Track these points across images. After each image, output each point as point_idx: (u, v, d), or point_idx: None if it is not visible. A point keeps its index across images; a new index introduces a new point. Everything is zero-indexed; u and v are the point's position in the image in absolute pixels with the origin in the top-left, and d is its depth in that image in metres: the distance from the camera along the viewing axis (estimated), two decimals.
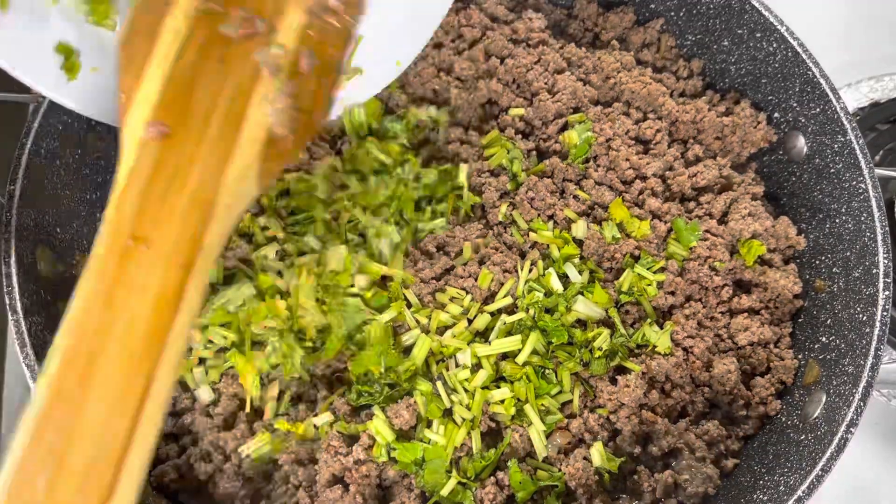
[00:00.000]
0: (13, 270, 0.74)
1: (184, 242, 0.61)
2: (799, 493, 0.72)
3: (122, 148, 0.64)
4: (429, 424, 0.79)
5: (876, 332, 0.78)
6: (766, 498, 0.76)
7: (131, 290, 0.58)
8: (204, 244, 0.62)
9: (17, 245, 0.74)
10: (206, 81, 0.67)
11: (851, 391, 0.76)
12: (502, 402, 0.80)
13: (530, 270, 0.87)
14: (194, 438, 0.80)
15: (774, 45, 0.94)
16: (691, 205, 0.95)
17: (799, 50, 0.91)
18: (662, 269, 0.89)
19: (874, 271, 0.81)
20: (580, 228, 0.90)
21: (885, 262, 0.80)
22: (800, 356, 0.87)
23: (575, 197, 0.93)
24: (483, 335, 0.84)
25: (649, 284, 0.87)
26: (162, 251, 0.60)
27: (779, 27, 0.92)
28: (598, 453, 0.79)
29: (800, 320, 0.91)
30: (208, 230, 0.62)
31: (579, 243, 0.90)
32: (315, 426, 0.80)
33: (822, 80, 0.89)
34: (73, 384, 0.55)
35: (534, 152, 0.97)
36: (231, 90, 0.68)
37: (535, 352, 0.82)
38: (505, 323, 0.84)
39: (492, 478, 0.78)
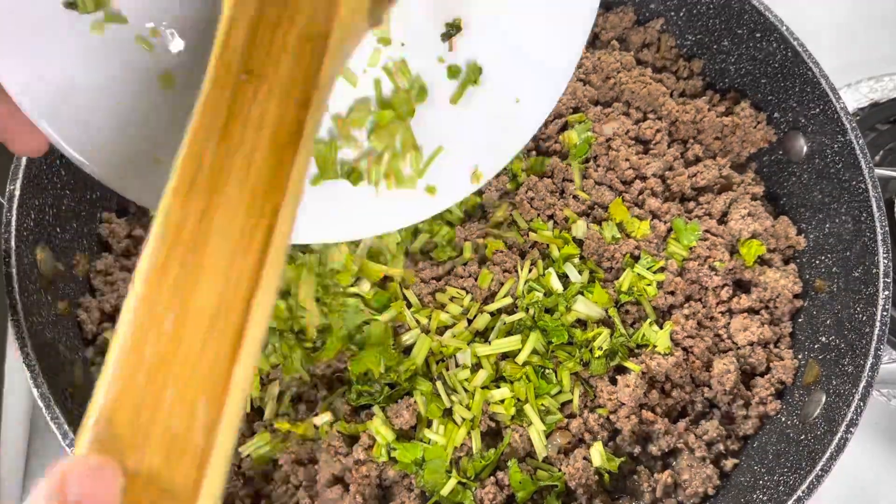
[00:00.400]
0: (13, 270, 0.73)
1: (299, 76, 0.57)
2: (799, 493, 0.72)
3: None
4: (429, 424, 0.79)
5: (876, 331, 0.78)
6: (765, 498, 0.76)
7: (247, 123, 0.54)
8: (319, 80, 0.58)
9: (16, 245, 0.74)
10: None
11: (851, 391, 0.76)
12: (502, 402, 0.80)
13: (530, 270, 0.87)
14: None
15: (774, 45, 0.94)
16: (691, 205, 0.95)
17: (799, 50, 0.91)
18: (662, 269, 0.89)
19: (874, 271, 0.81)
20: (580, 228, 0.90)
21: (885, 261, 0.80)
22: (799, 356, 0.87)
23: (575, 197, 0.93)
24: (483, 335, 0.84)
25: (649, 284, 0.87)
26: (277, 85, 0.56)
27: (779, 27, 0.92)
28: (597, 453, 0.79)
29: (799, 320, 0.91)
30: (323, 65, 0.58)
31: (579, 243, 0.90)
32: (315, 426, 0.80)
33: (821, 80, 0.89)
34: (194, 218, 0.50)
35: (534, 152, 0.97)
36: None
37: (535, 352, 0.82)
38: (505, 323, 0.84)
39: (492, 478, 0.78)
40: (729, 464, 0.82)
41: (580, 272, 0.87)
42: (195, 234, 0.50)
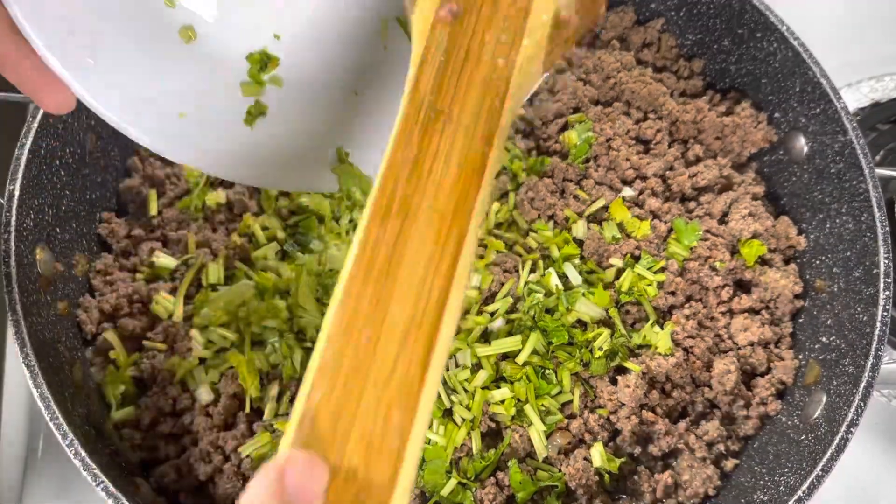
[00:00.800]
0: (13, 270, 0.73)
1: (482, 116, 0.62)
2: (799, 493, 0.71)
3: (413, 33, 0.66)
4: (429, 425, 0.79)
5: (876, 332, 0.78)
6: (766, 498, 0.76)
7: (437, 156, 0.59)
8: (501, 120, 0.62)
9: (16, 245, 0.74)
10: None
11: (852, 391, 0.76)
12: (502, 402, 0.80)
13: (531, 271, 0.87)
14: (194, 439, 0.80)
15: (775, 45, 0.94)
16: (691, 205, 0.95)
17: (799, 50, 0.91)
18: (663, 270, 0.89)
19: (875, 271, 0.81)
20: (580, 228, 0.90)
21: (886, 262, 0.80)
22: (800, 356, 0.87)
23: (575, 197, 0.93)
24: (483, 335, 0.84)
25: (649, 284, 0.87)
26: (463, 123, 0.61)
27: (779, 27, 0.92)
28: (598, 454, 0.79)
29: (800, 320, 0.91)
30: (504, 107, 0.63)
31: (579, 243, 0.90)
32: None
33: (822, 80, 0.89)
34: (389, 241, 0.54)
35: (534, 152, 0.97)
36: None
37: (535, 352, 0.82)
38: (505, 323, 0.84)
39: (492, 478, 0.78)
40: (729, 464, 0.82)
41: (580, 272, 0.87)
42: (390, 256, 0.54)
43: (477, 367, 0.82)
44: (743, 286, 0.91)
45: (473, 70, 0.64)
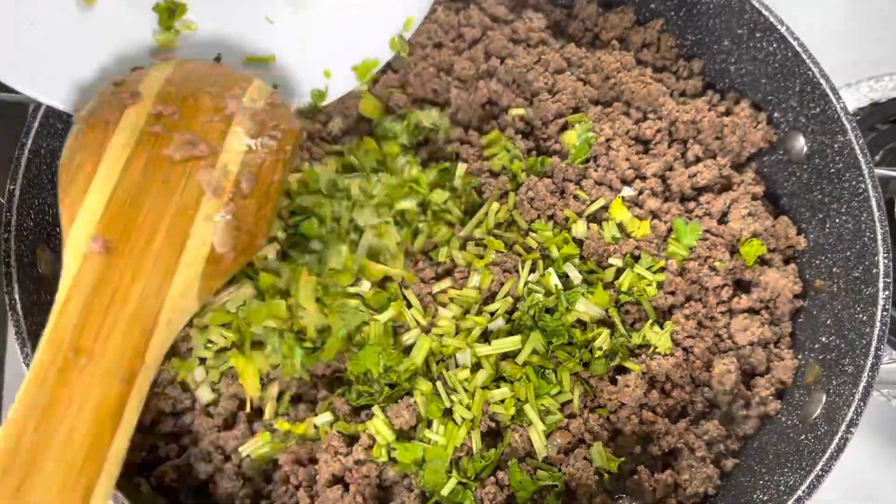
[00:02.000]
0: (13, 270, 0.74)
1: (126, 356, 0.63)
2: (799, 492, 0.72)
3: (64, 259, 0.66)
4: (429, 424, 0.79)
5: (876, 331, 0.78)
6: (766, 498, 0.76)
7: (71, 402, 0.59)
8: (146, 358, 0.63)
9: (16, 245, 0.74)
10: (150, 199, 0.69)
11: (851, 391, 0.76)
12: (502, 402, 0.80)
13: (531, 271, 0.87)
14: (194, 438, 0.80)
15: (774, 45, 0.94)
16: (691, 205, 0.95)
17: (799, 50, 0.91)
18: (662, 269, 0.89)
19: (874, 271, 0.81)
20: (580, 228, 0.90)
21: (885, 261, 0.80)
22: (800, 356, 0.87)
23: (575, 197, 0.93)
24: (483, 335, 0.84)
25: (649, 284, 0.87)
26: (103, 364, 0.61)
27: (779, 27, 0.92)
28: (598, 453, 0.79)
29: (800, 320, 0.91)
30: (150, 344, 0.64)
31: (579, 243, 0.90)
32: (315, 426, 0.80)
33: (822, 80, 0.89)
34: (9, 494, 0.55)
35: (534, 152, 0.97)
36: (175, 209, 0.70)
37: (535, 352, 0.82)
38: (505, 323, 0.84)
39: (492, 478, 0.78)
40: (729, 464, 0.82)
41: (580, 272, 0.87)
42: None
43: (477, 366, 0.82)
44: (743, 286, 0.91)
45: (121, 307, 0.64)
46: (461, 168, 0.91)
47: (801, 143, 0.95)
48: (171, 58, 0.81)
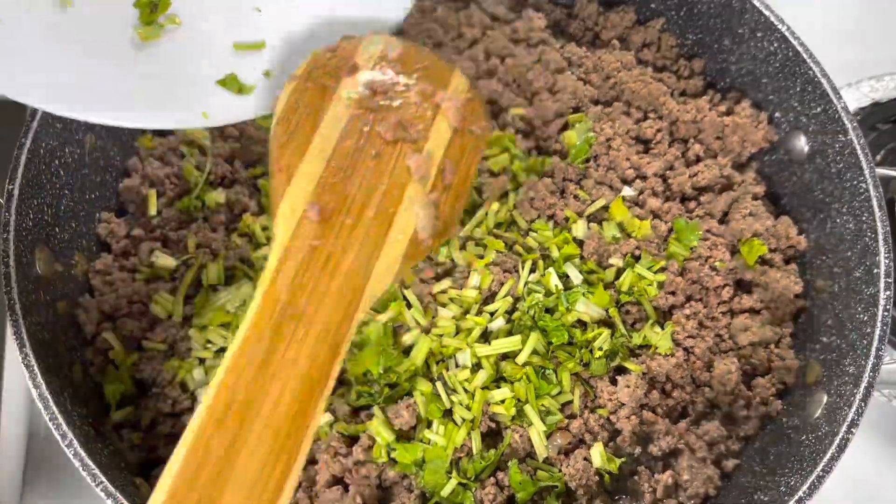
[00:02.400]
0: (12, 270, 0.73)
1: (334, 324, 0.63)
2: (800, 493, 0.71)
3: (277, 222, 0.67)
4: (429, 425, 0.79)
5: (877, 332, 0.77)
6: (766, 498, 0.76)
7: (282, 364, 0.59)
8: (350, 329, 0.63)
9: (15, 245, 0.74)
10: (361, 172, 0.70)
11: (852, 391, 0.76)
12: (502, 402, 0.80)
13: (531, 271, 0.87)
14: None
15: (775, 45, 0.93)
16: (692, 204, 0.95)
17: (800, 49, 0.91)
18: (663, 269, 0.89)
19: (875, 271, 0.81)
20: (580, 228, 0.90)
21: (887, 262, 0.80)
22: (801, 356, 0.87)
23: (575, 197, 0.92)
24: (483, 335, 0.84)
25: (650, 284, 0.87)
26: (314, 329, 0.61)
27: (780, 27, 0.92)
28: (598, 454, 0.79)
29: (801, 320, 0.91)
30: (355, 316, 0.64)
31: (579, 243, 0.90)
32: None
33: (822, 80, 0.89)
34: (219, 448, 0.56)
35: (534, 152, 0.97)
36: (385, 186, 0.71)
37: (535, 352, 0.82)
38: (505, 323, 0.84)
39: (492, 478, 0.78)
40: (730, 464, 0.82)
41: (580, 272, 0.87)
42: (220, 469, 0.55)
43: (477, 367, 0.82)
44: (743, 286, 0.91)
45: (333, 275, 0.65)
46: None
47: (802, 143, 0.94)
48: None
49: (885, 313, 0.78)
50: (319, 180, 0.69)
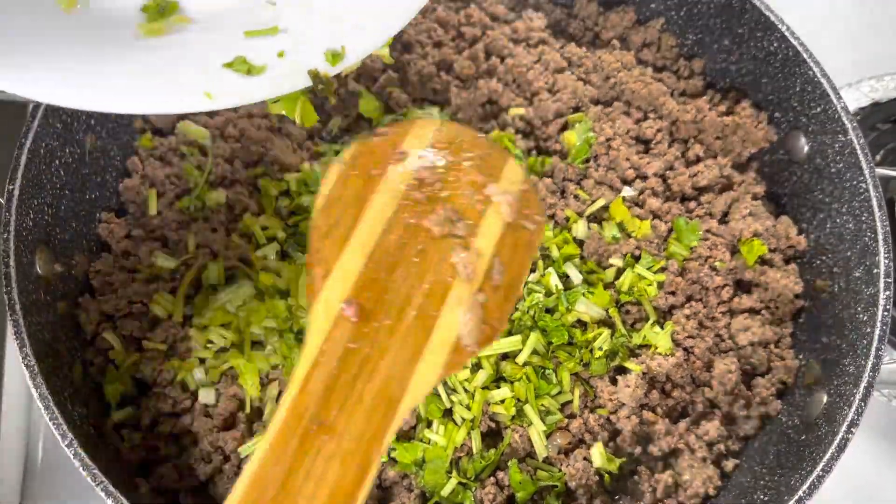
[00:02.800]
0: (12, 270, 0.73)
1: (366, 438, 0.57)
2: (800, 493, 0.71)
3: (310, 322, 0.62)
4: (429, 425, 0.79)
5: (877, 332, 0.77)
6: (766, 498, 0.76)
7: (307, 481, 0.55)
8: (382, 444, 0.58)
9: (15, 245, 0.74)
10: (404, 269, 0.65)
11: (852, 391, 0.76)
12: (502, 402, 0.80)
13: (531, 271, 0.87)
14: (194, 439, 0.80)
15: (775, 45, 0.93)
16: (692, 204, 0.95)
17: (800, 49, 0.91)
18: (663, 269, 0.89)
19: (875, 271, 0.81)
20: (580, 228, 0.90)
21: (886, 262, 0.80)
22: (800, 356, 0.87)
23: (575, 197, 0.92)
24: None
25: (650, 284, 0.87)
26: (344, 443, 0.57)
27: (779, 26, 0.92)
28: (598, 454, 0.79)
29: (800, 320, 0.91)
30: (389, 429, 0.58)
31: (579, 243, 0.90)
32: None
33: (822, 80, 0.89)
34: None
35: (534, 152, 0.97)
36: (428, 286, 0.65)
37: (535, 352, 0.82)
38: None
39: (492, 478, 0.78)
40: (730, 464, 0.82)
41: (580, 272, 0.87)
42: None
43: (477, 367, 0.82)
44: (743, 286, 0.91)
45: (367, 382, 0.59)
46: None
47: (801, 143, 0.94)
48: None
49: (885, 313, 0.78)
50: (359, 276, 0.63)
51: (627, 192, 0.93)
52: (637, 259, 0.89)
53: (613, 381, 0.84)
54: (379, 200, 0.67)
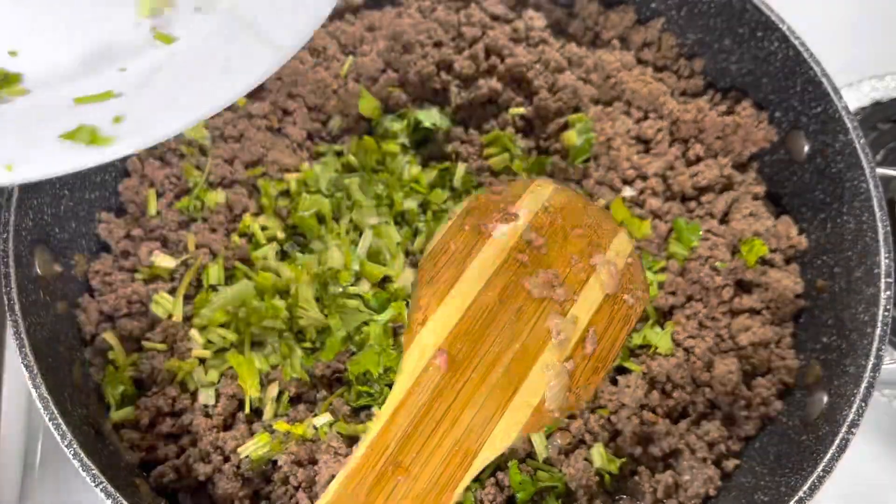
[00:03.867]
0: (11, 270, 0.73)
1: (438, 485, 0.58)
2: (800, 493, 0.71)
3: (402, 363, 0.64)
4: None
5: (877, 332, 0.77)
6: (767, 499, 0.76)
7: None
8: (454, 494, 0.59)
9: (15, 245, 0.74)
10: (498, 328, 0.66)
11: (853, 392, 0.76)
12: None
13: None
14: (193, 439, 0.79)
15: (776, 45, 0.93)
16: (692, 204, 0.95)
17: (800, 49, 0.91)
18: (663, 270, 0.89)
19: (875, 271, 0.81)
20: None
21: (887, 261, 0.80)
22: (801, 356, 0.87)
23: None
24: None
25: (650, 284, 0.87)
26: (416, 488, 0.57)
27: (780, 26, 0.92)
28: (598, 454, 0.79)
29: (801, 320, 0.90)
30: (461, 481, 0.59)
31: None
32: (314, 427, 0.79)
33: (823, 80, 0.89)
34: None
35: (534, 151, 0.97)
36: (519, 346, 0.66)
37: None
38: None
39: (492, 478, 0.78)
40: (730, 464, 0.82)
41: None
42: None
43: None
44: (744, 286, 0.91)
45: (447, 431, 0.60)
46: (461, 168, 0.91)
47: (802, 143, 0.94)
48: None
49: (886, 313, 0.78)
50: (454, 328, 0.65)
51: (627, 191, 0.93)
52: None
53: (614, 382, 0.84)
54: (484, 256, 0.69)
